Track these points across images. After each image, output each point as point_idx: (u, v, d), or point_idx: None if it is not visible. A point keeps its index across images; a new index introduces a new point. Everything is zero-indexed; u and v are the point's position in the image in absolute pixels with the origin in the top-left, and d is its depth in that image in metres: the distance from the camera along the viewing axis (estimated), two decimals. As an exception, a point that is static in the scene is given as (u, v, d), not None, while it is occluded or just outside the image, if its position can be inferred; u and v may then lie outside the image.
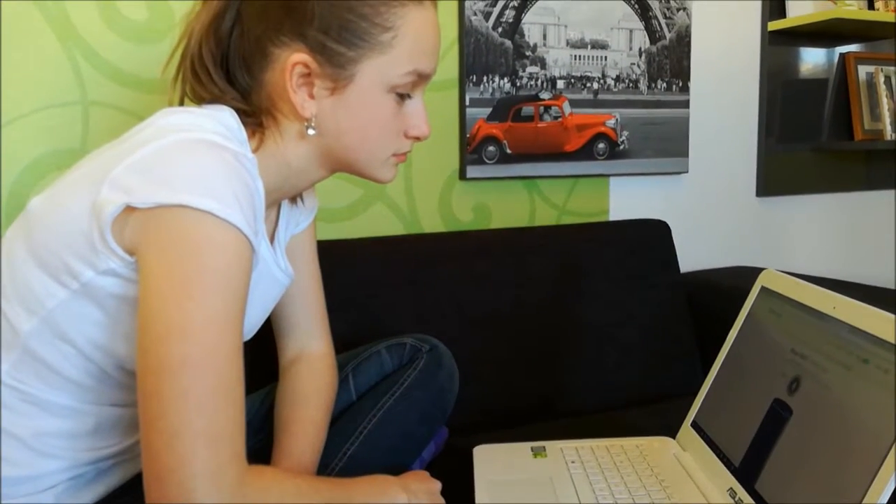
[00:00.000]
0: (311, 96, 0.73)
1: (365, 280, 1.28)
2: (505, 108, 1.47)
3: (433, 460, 1.06)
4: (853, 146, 1.88)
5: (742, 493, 0.78)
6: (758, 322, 0.92)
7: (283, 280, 0.86)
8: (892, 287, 1.79)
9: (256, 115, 0.75)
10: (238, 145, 0.68)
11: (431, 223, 1.47)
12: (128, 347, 0.68)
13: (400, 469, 0.92)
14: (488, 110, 1.46)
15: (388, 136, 0.77)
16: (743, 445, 0.83)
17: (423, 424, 0.99)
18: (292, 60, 0.71)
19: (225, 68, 0.74)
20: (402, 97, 0.76)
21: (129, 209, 0.62)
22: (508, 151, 1.48)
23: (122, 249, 0.63)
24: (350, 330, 1.18)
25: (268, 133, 0.76)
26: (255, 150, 0.74)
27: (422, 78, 0.76)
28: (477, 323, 1.34)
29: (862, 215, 1.99)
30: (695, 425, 0.97)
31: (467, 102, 1.44)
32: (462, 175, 1.46)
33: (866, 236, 2.01)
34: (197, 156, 0.63)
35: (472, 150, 1.45)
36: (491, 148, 1.47)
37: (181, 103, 0.78)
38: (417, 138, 0.79)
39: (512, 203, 1.54)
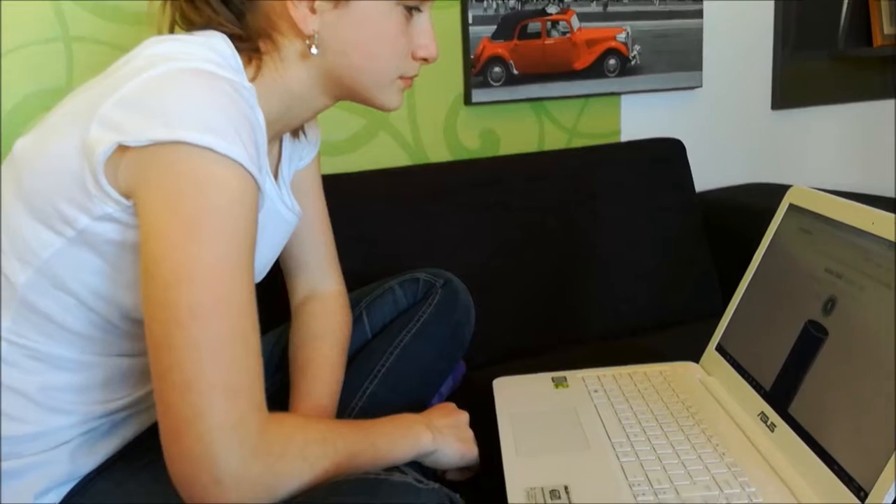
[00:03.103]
0: (313, 11, 0.68)
1: (372, 214, 1.24)
2: (510, 25, 1.39)
3: (452, 395, 1.05)
4: (872, 52, 1.80)
5: (775, 417, 0.76)
6: (786, 241, 0.88)
7: (291, 219, 0.82)
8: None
9: (252, 40, 0.69)
10: (233, 73, 0.63)
11: (437, 152, 1.41)
12: (132, 296, 0.65)
13: (420, 405, 0.90)
14: (493, 28, 1.38)
15: (395, 54, 0.72)
16: (774, 369, 0.80)
17: (441, 360, 0.97)
18: None
19: None
20: (410, 11, 0.71)
21: (122, 148, 0.57)
22: (515, 72, 1.41)
23: (117, 192, 0.59)
24: (360, 266, 1.14)
25: (266, 59, 0.70)
26: (252, 79, 0.69)
27: None
28: (489, 253, 1.31)
29: (882, 125, 1.93)
30: (719, 349, 0.94)
31: (470, 20, 1.36)
32: (467, 100, 1.40)
33: (887, 147, 1.94)
34: (191, 87, 0.58)
35: (477, 73, 1.38)
36: (497, 69, 1.40)
37: (171, 31, 0.72)
38: (425, 60, 0.74)
39: (520, 127, 1.48)
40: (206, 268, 0.55)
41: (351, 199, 1.21)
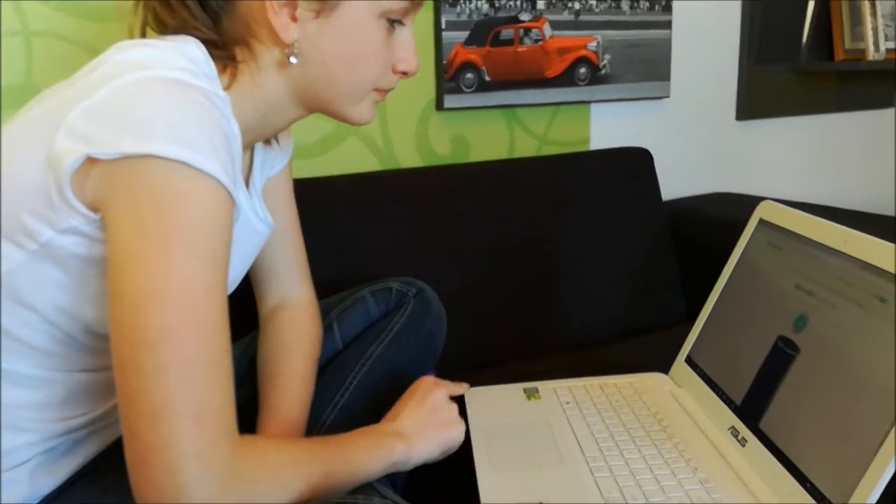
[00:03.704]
0: (294, 19, 0.66)
1: (343, 220, 1.22)
2: (483, 32, 1.39)
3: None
4: (833, 67, 1.84)
5: (745, 431, 0.77)
6: (756, 256, 0.89)
7: (263, 230, 0.80)
8: (886, 213, 1.78)
9: (228, 47, 0.67)
10: (207, 82, 0.61)
11: (408, 157, 1.40)
12: (96, 311, 0.62)
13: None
14: (466, 34, 1.37)
15: (376, 66, 0.70)
16: (744, 383, 0.81)
17: (413, 370, 0.95)
18: None
19: None
20: (393, 25, 0.69)
21: (91, 160, 0.54)
22: (487, 78, 1.41)
23: (83, 206, 0.56)
24: (329, 272, 1.12)
25: (242, 67, 0.68)
26: (226, 87, 0.67)
27: (415, 3, 0.69)
28: (459, 261, 1.30)
29: (843, 137, 1.97)
30: (688, 361, 0.95)
31: (443, 25, 1.35)
32: (439, 105, 1.39)
33: (848, 159, 1.99)
34: (164, 97, 0.55)
35: (449, 78, 1.37)
36: (469, 75, 1.39)
37: (143, 33, 0.69)
38: (405, 74, 0.73)
39: (491, 134, 1.47)
40: (178, 288, 0.53)
41: (320, 205, 1.19)
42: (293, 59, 0.66)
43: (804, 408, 0.70)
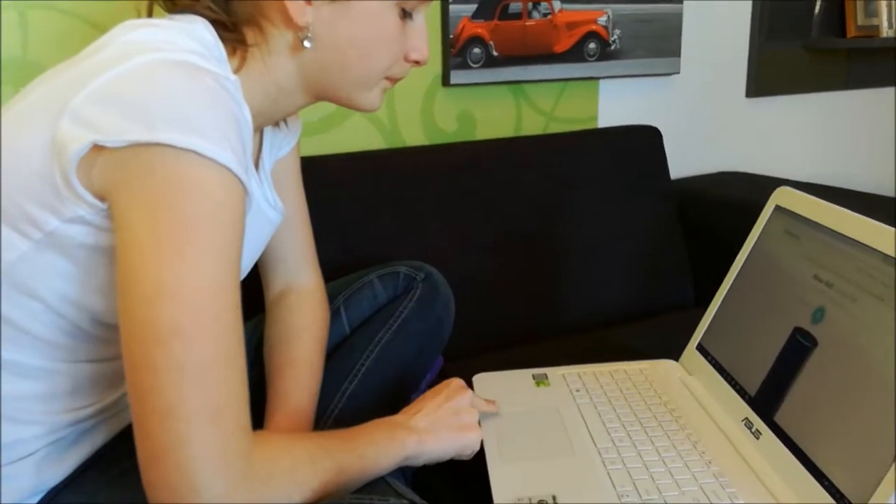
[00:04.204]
0: (309, 2, 0.63)
1: (347, 199, 1.20)
2: (491, 5, 1.35)
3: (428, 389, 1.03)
4: (845, 44, 1.81)
5: (760, 424, 0.76)
6: (772, 244, 0.88)
7: (274, 217, 0.78)
8: (889, 193, 1.76)
9: (238, 29, 0.64)
10: (217, 65, 0.58)
11: (413, 135, 1.37)
12: (103, 301, 0.60)
13: (400, 403, 0.88)
14: (473, 7, 1.34)
15: (389, 54, 0.68)
16: (759, 374, 0.80)
17: (421, 356, 0.95)
18: None
19: None
20: (406, 15, 0.68)
21: (97, 148, 0.52)
22: (495, 54, 1.37)
23: (90, 194, 0.54)
24: (333, 254, 1.11)
25: (252, 50, 0.65)
26: (236, 70, 0.64)
27: None
28: (465, 241, 1.28)
29: (854, 115, 1.94)
30: (700, 348, 0.94)
31: (450, -1, 1.32)
32: (445, 81, 1.36)
33: (859, 137, 1.97)
34: (173, 82, 0.53)
35: (456, 53, 1.34)
36: (476, 50, 1.36)
37: (150, 11, 0.66)
38: (417, 62, 0.72)
39: (498, 111, 1.44)
40: (191, 283, 0.51)
41: (323, 184, 1.17)
42: (307, 44, 0.64)
43: (821, 402, 0.69)
